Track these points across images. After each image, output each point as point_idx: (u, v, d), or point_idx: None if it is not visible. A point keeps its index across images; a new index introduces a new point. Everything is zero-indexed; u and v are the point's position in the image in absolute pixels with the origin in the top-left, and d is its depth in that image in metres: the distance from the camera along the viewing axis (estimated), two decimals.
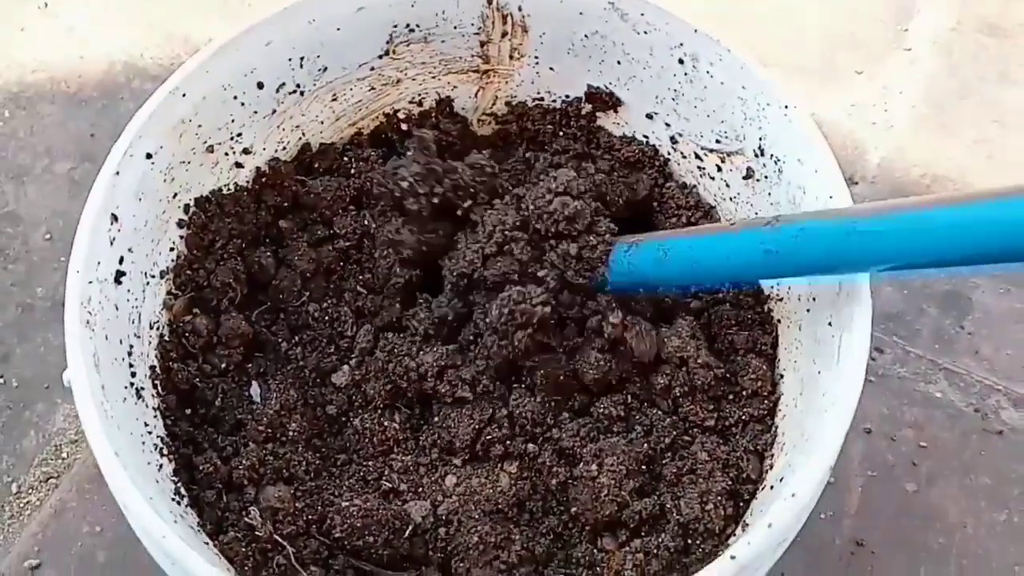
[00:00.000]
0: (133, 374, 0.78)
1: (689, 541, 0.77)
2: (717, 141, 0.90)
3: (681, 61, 0.89)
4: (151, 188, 0.82)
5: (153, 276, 0.83)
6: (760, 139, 0.85)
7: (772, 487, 0.75)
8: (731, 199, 0.91)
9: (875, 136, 1.24)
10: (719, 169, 0.91)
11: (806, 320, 0.82)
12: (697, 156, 0.93)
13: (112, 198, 0.77)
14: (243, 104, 0.89)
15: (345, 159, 0.97)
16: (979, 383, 1.07)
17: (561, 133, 0.99)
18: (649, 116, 0.95)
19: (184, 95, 0.83)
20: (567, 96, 0.98)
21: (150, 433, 0.77)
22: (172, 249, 0.86)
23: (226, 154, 0.90)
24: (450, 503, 0.80)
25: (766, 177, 0.86)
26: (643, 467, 0.80)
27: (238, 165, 0.91)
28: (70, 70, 1.30)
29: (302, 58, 0.91)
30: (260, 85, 0.89)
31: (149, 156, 0.81)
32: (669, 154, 0.96)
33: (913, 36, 1.32)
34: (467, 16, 0.94)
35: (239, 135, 0.90)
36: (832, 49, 1.31)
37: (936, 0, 1.35)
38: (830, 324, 0.76)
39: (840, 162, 0.84)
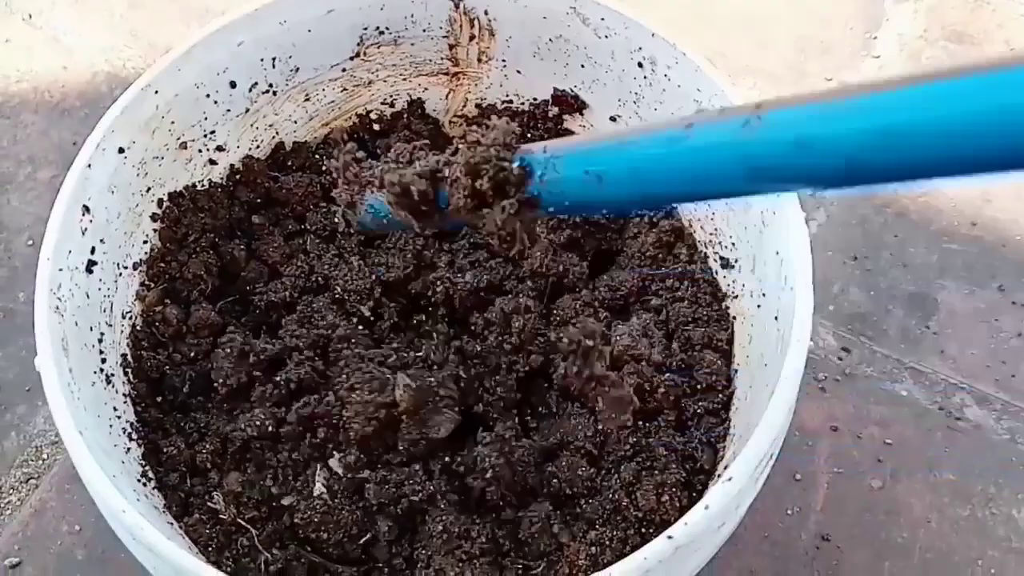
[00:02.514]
0: (103, 360, 0.80)
1: (644, 531, 0.79)
2: None
3: (640, 65, 0.91)
4: (123, 182, 0.85)
5: (126, 267, 0.86)
6: None
7: (720, 476, 0.77)
8: None
9: None
10: None
11: (757, 315, 0.84)
12: None
13: (84, 190, 0.80)
14: (216, 103, 0.92)
15: (317, 156, 0.99)
16: (944, 381, 1.08)
17: (529, 135, 1.01)
18: (613, 119, 0.97)
19: (156, 92, 0.86)
20: (535, 99, 1.01)
21: (119, 418, 0.80)
22: (145, 242, 0.89)
23: (200, 151, 0.93)
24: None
25: None
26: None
27: (212, 162, 0.94)
28: (53, 80, 1.32)
29: (274, 58, 0.93)
30: (233, 84, 0.92)
31: (121, 151, 0.84)
32: None
33: (882, 43, 1.34)
34: (435, 20, 0.96)
35: (213, 132, 0.93)
36: (802, 56, 1.33)
37: (904, 8, 1.37)
38: (776, 318, 0.79)
39: None
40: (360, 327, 0.91)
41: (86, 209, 0.80)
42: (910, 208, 1.21)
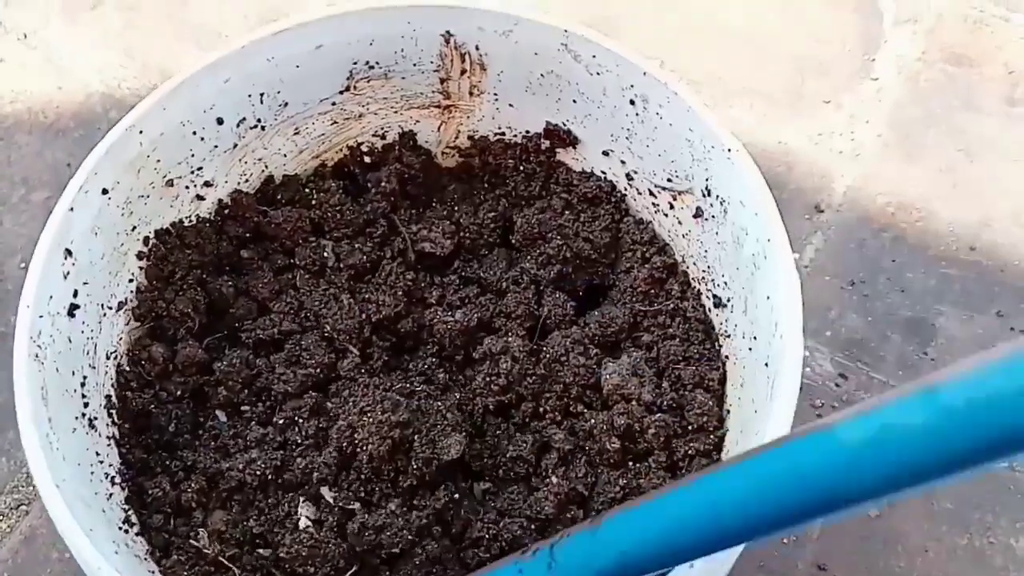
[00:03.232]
0: (86, 404, 0.80)
1: None
2: (668, 180, 0.92)
3: (632, 102, 0.90)
4: (108, 223, 0.84)
5: (110, 307, 0.85)
6: (707, 180, 0.87)
7: None
8: (683, 236, 0.93)
9: (841, 164, 1.25)
10: (671, 207, 0.93)
11: (748, 359, 0.83)
12: (651, 193, 0.95)
13: (66, 234, 0.79)
14: (203, 139, 0.91)
15: (307, 190, 0.99)
16: None
17: (522, 168, 1.00)
18: (605, 153, 0.97)
19: (141, 132, 0.85)
20: (527, 132, 1.00)
21: (101, 462, 0.79)
22: (131, 280, 0.88)
23: (187, 187, 0.92)
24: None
25: (713, 216, 0.88)
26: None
27: (199, 198, 0.93)
28: (47, 100, 1.31)
29: (262, 94, 0.93)
30: (220, 121, 0.91)
31: (105, 192, 0.83)
32: (625, 190, 0.98)
33: (880, 65, 1.33)
34: (426, 54, 0.95)
35: (200, 169, 0.92)
36: (800, 78, 1.32)
37: (903, 30, 1.37)
38: (766, 365, 0.78)
39: (806, 190, 0.86)
40: (358, 363, 0.90)
41: (68, 253, 0.79)
42: (908, 232, 1.20)
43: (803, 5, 1.40)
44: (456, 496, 0.83)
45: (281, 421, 0.86)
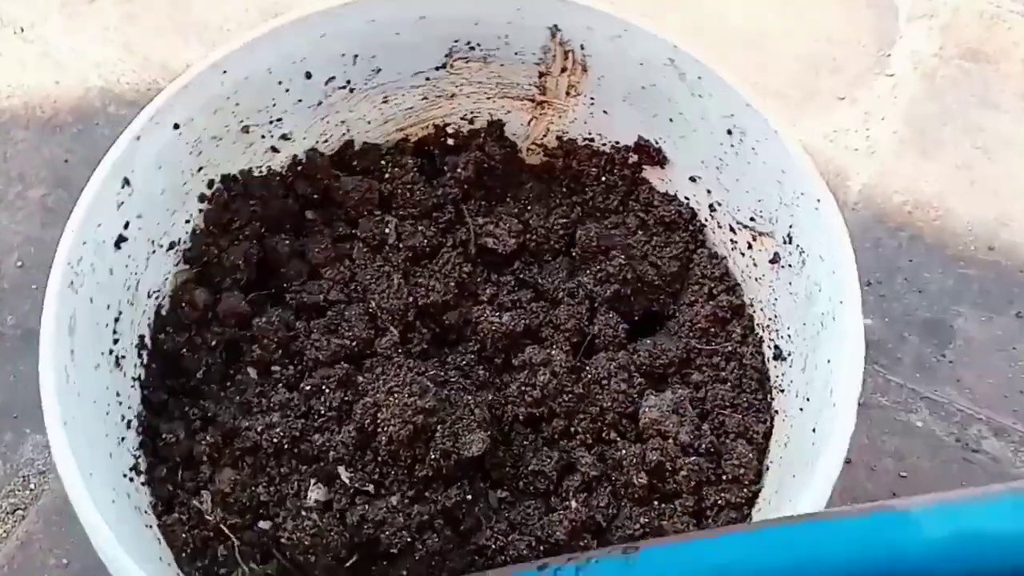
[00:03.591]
0: (116, 341, 0.78)
1: None
2: (751, 219, 0.88)
3: (730, 132, 0.87)
4: (173, 158, 0.82)
5: (161, 245, 0.84)
6: (790, 227, 0.84)
7: None
8: (756, 279, 0.90)
9: (857, 162, 1.22)
10: (749, 247, 0.90)
11: (797, 420, 0.80)
12: (731, 229, 0.91)
13: (128, 162, 0.77)
14: (288, 91, 0.89)
15: (384, 162, 0.96)
16: (960, 412, 1.06)
17: (604, 178, 0.97)
18: (693, 179, 0.93)
19: (225, 72, 0.83)
20: (617, 143, 0.97)
21: (120, 403, 0.77)
22: (188, 222, 0.86)
23: (263, 137, 0.90)
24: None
25: (790, 265, 0.85)
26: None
27: (274, 150, 0.91)
28: (45, 95, 1.28)
29: (356, 56, 0.90)
30: (308, 75, 0.89)
31: (177, 127, 0.81)
32: (706, 220, 0.94)
33: (895, 61, 1.30)
34: (530, 45, 0.92)
35: (279, 120, 0.90)
36: (813, 74, 1.29)
37: (918, 26, 1.34)
38: (814, 430, 0.75)
39: None
40: (396, 343, 0.88)
41: (127, 182, 0.77)
42: (925, 231, 1.18)
43: (815, 1, 1.37)
44: (470, 498, 0.81)
45: (308, 387, 0.84)
